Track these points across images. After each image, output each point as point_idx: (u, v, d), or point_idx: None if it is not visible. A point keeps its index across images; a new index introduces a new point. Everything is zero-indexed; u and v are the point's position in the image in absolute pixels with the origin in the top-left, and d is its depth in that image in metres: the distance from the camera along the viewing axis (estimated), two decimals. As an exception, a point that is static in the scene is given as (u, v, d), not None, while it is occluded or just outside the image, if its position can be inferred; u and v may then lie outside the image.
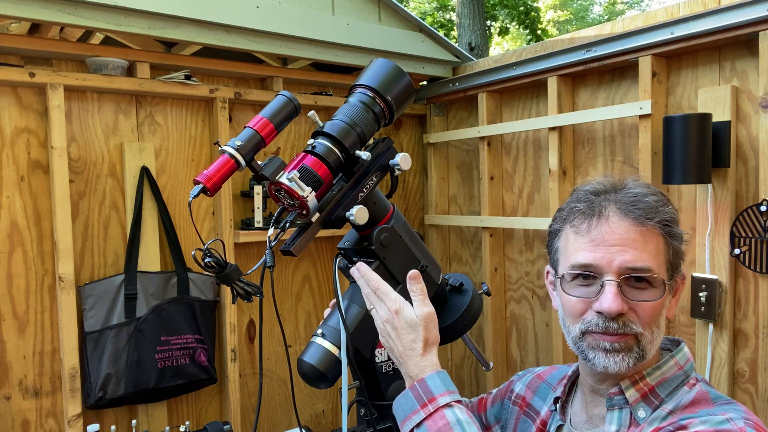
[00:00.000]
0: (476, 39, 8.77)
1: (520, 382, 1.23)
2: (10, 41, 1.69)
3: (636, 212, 0.90)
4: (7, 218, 1.75)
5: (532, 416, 1.14)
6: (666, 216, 0.92)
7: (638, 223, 0.90)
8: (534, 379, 1.20)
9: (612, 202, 0.92)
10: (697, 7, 1.63)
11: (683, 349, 0.98)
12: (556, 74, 1.98)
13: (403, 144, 2.58)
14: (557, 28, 16.27)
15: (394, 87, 1.06)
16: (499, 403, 1.24)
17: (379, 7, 2.19)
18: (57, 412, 1.83)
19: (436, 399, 0.88)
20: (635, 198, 0.91)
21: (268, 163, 0.96)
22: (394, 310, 0.94)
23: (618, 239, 0.89)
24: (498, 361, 2.31)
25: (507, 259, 2.31)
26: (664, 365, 0.95)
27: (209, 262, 0.95)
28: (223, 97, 2.03)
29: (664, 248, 0.92)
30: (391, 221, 1.06)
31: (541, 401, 1.14)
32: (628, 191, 0.93)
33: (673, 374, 0.94)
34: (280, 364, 2.27)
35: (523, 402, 1.18)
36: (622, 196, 0.93)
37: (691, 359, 0.97)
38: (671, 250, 0.92)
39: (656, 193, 0.94)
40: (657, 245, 0.91)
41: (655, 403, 0.92)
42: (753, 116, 1.57)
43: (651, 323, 0.90)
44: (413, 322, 0.93)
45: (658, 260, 0.90)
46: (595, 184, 0.97)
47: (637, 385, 0.93)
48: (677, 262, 0.94)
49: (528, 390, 1.18)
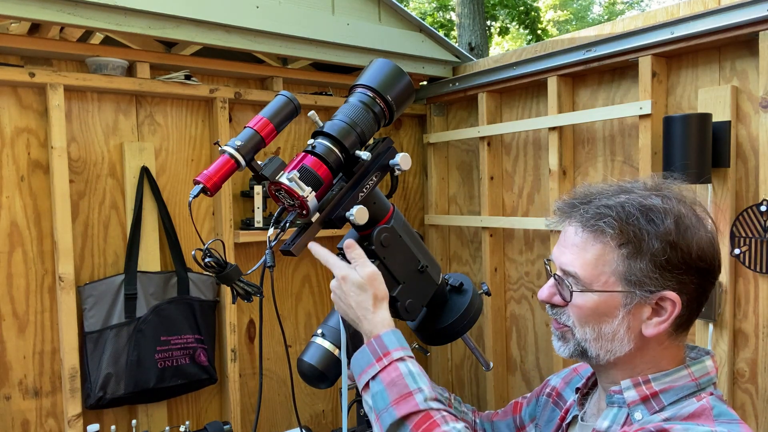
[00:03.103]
0: (476, 39, 8.77)
1: (556, 376, 1.24)
2: (10, 41, 1.69)
3: (587, 223, 0.94)
4: (7, 218, 1.75)
5: (560, 405, 1.16)
6: (630, 232, 0.89)
7: (585, 230, 0.94)
8: (570, 372, 1.22)
9: (580, 209, 0.97)
10: (697, 7, 1.63)
11: (704, 362, 0.95)
12: (556, 74, 1.98)
13: (403, 144, 2.58)
14: (557, 28, 16.27)
15: (394, 87, 1.06)
16: (534, 401, 1.25)
17: (379, 7, 2.19)
18: (57, 412, 1.83)
19: (390, 353, 0.95)
20: (597, 210, 0.93)
21: (268, 163, 0.96)
22: (341, 276, 1.01)
23: (566, 241, 0.97)
24: (498, 361, 2.31)
25: (507, 259, 2.31)
26: (675, 373, 0.93)
27: (209, 262, 0.95)
28: (223, 97, 2.03)
29: (613, 262, 0.91)
30: (391, 221, 1.06)
31: (571, 392, 1.15)
32: (600, 202, 0.95)
33: (683, 384, 0.92)
34: (280, 364, 2.27)
35: (555, 393, 1.20)
36: (590, 206, 0.95)
37: (711, 374, 0.94)
38: (630, 268, 0.90)
39: (643, 206, 0.91)
40: (600, 257, 0.91)
41: (655, 408, 0.91)
42: (753, 116, 1.57)
43: (584, 323, 0.94)
44: (360, 283, 0.99)
45: (597, 270, 0.91)
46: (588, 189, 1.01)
47: (639, 388, 0.93)
48: (646, 282, 0.90)
49: (562, 382, 1.21)
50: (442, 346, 1.79)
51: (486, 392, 2.34)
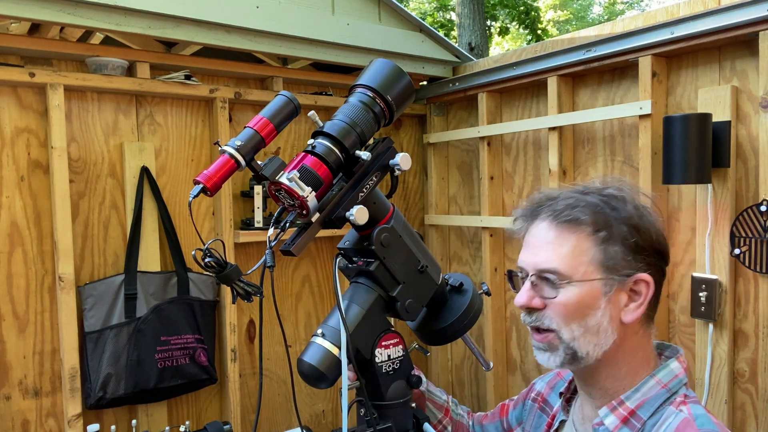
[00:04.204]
0: (476, 39, 8.77)
1: (541, 381, 1.25)
2: (10, 41, 1.69)
3: (559, 216, 0.95)
4: (7, 218, 1.75)
5: (546, 411, 1.17)
6: (600, 218, 0.93)
7: (556, 225, 0.95)
8: (554, 377, 1.23)
9: (546, 207, 0.98)
10: (697, 7, 1.62)
11: (669, 366, 0.96)
12: (556, 74, 1.97)
13: (403, 144, 2.58)
14: (557, 28, 16.27)
15: (394, 87, 1.06)
16: (521, 404, 1.26)
17: (379, 7, 2.19)
18: (57, 412, 1.83)
19: None
20: (566, 202, 0.96)
21: (268, 163, 0.96)
22: None
23: (537, 241, 0.97)
24: (498, 361, 2.31)
25: (507, 259, 2.31)
26: (643, 386, 0.95)
27: (209, 262, 0.95)
28: (223, 97, 2.03)
29: (590, 250, 0.93)
30: (391, 221, 1.06)
31: (556, 397, 1.16)
32: (565, 197, 0.97)
33: (655, 393, 0.94)
34: (280, 364, 2.27)
35: (541, 398, 1.21)
36: (558, 201, 0.97)
37: (680, 375, 0.96)
38: (606, 253, 0.93)
39: (602, 195, 0.96)
40: (576, 248, 0.93)
41: (637, 427, 0.92)
42: (753, 116, 1.57)
43: (569, 321, 0.93)
44: None
45: (576, 261, 0.93)
46: (547, 192, 1.03)
47: (616, 411, 0.94)
48: (620, 265, 0.93)
49: (547, 387, 1.21)
50: (442, 346, 1.79)
51: (486, 392, 2.34)
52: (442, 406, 1.27)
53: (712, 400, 1.63)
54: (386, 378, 1.06)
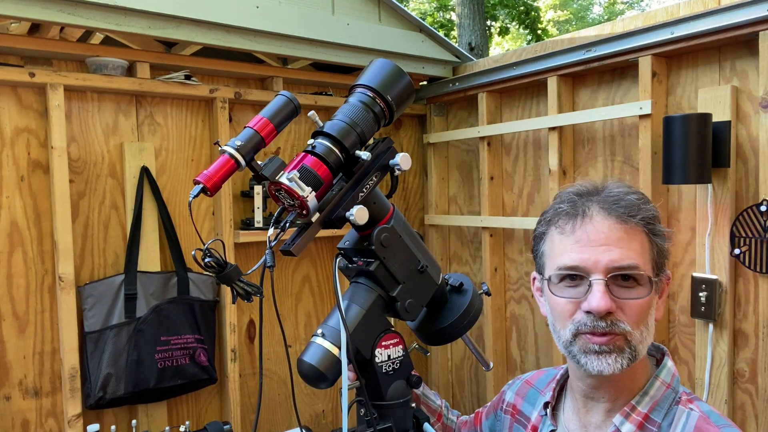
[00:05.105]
0: (476, 39, 8.77)
1: (510, 390, 1.22)
2: (10, 41, 1.69)
3: (619, 210, 0.90)
4: (7, 218, 1.75)
5: (523, 423, 1.14)
6: (648, 214, 0.92)
7: (622, 221, 0.90)
8: (523, 385, 1.20)
9: (595, 202, 0.92)
10: (697, 7, 1.63)
11: (666, 364, 0.96)
12: (556, 74, 1.97)
13: (403, 144, 2.58)
14: (557, 28, 16.26)
15: (394, 87, 1.06)
16: (493, 415, 1.24)
17: (379, 7, 2.19)
18: (57, 412, 1.83)
19: None
20: (617, 197, 0.92)
21: (268, 163, 0.96)
22: None
23: (603, 238, 0.89)
24: (498, 361, 2.31)
25: (507, 259, 2.31)
26: (651, 388, 0.94)
27: (209, 262, 0.95)
28: (223, 97, 2.03)
29: (648, 246, 0.91)
30: (391, 221, 1.06)
31: (530, 407, 1.13)
32: (609, 191, 0.94)
33: (663, 395, 0.93)
34: (280, 364, 2.27)
35: (514, 410, 1.18)
36: (605, 196, 0.93)
37: (675, 373, 0.96)
38: (655, 249, 0.92)
39: (637, 192, 0.94)
40: (642, 243, 0.91)
41: (653, 431, 0.91)
42: (753, 116, 1.57)
43: (639, 322, 0.89)
44: None
45: (644, 258, 0.90)
46: (577, 186, 0.97)
47: (631, 417, 0.92)
48: (662, 261, 0.93)
49: (517, 397, 1.18)
50: (442, 346, 1.79)
51: (486, 392, 2.34)
52: (436, 411, 1.26)
53: (712, 400, 1.63)
54: (386, 378, 1.06)
